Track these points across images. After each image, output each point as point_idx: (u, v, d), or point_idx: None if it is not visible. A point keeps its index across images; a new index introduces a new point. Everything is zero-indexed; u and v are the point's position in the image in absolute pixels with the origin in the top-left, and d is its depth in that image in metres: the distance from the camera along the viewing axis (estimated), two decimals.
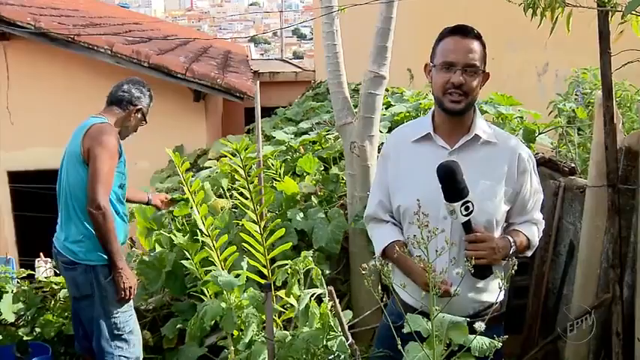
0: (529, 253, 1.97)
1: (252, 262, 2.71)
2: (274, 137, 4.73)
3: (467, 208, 1.68)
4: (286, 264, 2.53)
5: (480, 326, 1.32)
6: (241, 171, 2.84)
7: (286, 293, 2.50)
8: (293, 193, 3.46)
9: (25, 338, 3.36)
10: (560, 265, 2.82)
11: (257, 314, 2.43)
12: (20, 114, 6.34)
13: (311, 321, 2.22)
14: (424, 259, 1.35)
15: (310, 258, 2.47)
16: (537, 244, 1.96)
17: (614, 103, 2.31)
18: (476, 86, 1.80)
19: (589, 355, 2.50)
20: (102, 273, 2.76)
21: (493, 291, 1.87)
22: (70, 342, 3.30)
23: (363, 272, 1.45)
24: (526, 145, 2.24)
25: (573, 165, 2.95)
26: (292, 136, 4.72)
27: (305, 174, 3.79)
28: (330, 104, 4.01)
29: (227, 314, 2.43)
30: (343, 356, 2.11)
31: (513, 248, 1.82)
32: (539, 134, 3.54)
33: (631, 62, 2.12)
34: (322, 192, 3.58)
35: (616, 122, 2.32)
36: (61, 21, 6.64)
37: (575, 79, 3.57)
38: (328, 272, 3.12)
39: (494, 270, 1.74)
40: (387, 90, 4.78)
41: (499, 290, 1.72)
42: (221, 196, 3.77)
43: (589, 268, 2.49)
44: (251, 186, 2.85)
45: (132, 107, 2.92)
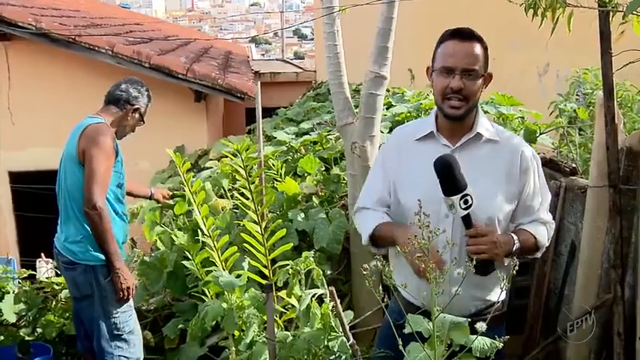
0: (538, 254, 1.93)
1: (253, 263, 2.71)
2: (275, 137, 4.72)
3: (466, 202, 1.66)
4: (287, 264, 2.52)
5: (482, 327, 1.31)
6: (242, 171, 2.84)
7: (287, 294, 2.50)
8: (294, 194, 3.46)
9: (27, 339, 3.37)
10: (561, 266, 2.82)
11: (258, 315, 2.44)
12: (21, 114, 6.34)
13: (312, 321, 2.22)
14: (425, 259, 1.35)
15: (311, 258, 2.46)
16: (547, 245, 1.92)
17: (615, 104, 2.31)
18: (476, 90, 1.79)
19: (590, 356, 2.50)
20: (101, 273, 2.77)
21: (494, 289, 1.86)
22: (72, 342, 3.31)
23: (364, 273, 1.44)
24: None
25: (574, 165, 2.95)
26: (293, 137, 4.72)
27: (306, 174, 3.79)
28: (331, 105, 4.01)
29: (228, 315, 2.43)
30: (344, 357, 2.11)
31: (517, 245, 1.78)
32: (540, 134, 3.54)
33: (632, 62, 2.11)
34: (323, 192, 3.58)
35: (617, 122, 2.32)
36: (62, 22, 6.64)
37: (576, 80, 3.56)
38: (329, 273, 3.12)
39: (496, 266, 1.73)
40: (388, 90, 4.78)
41: (500, 289, 1.69)
42: (222, 197, 3.77)
43: (590, 269, 2.49)
44: (252, 186, 2.84)
45: (129, 107, 2.92)
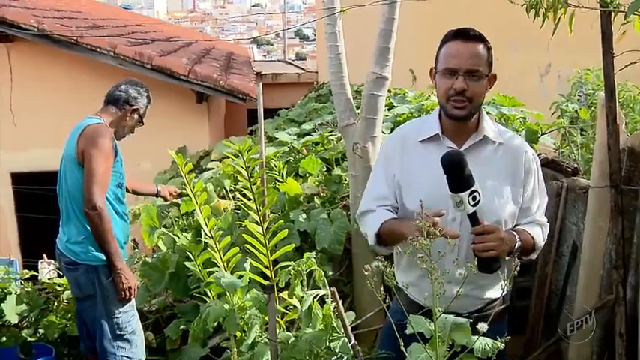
0: (534, 256, 1.94)
1: (254, 264, 2.71)
2: (277, 138, 4.72)
3: (474, 198, 1.63)
4: (289, 265, 2.52)
5: (483, 327, 1.32)
6: (244, 172, 2.84)
7: (289, 294, 2.50)
8: (296, 195, 3.46)
9: (29, 339, 3.37)
10: (562, 266, 2.82)
11: (260, 315, 2.44)
12: (23, 115, 6.34)
13: (314, 322, 2.22)
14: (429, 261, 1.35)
15: (313, 259, 2.46)
16: (541, 247, 1.93)
17: (616, 104, 2.31)
18: (480, 91, 1.79)
19: (592, 356, 2.50)
20: (103, 273, 2.77)
21: (496, 287, 1.86)
22: (74, 343, 3.32)
23: (366, 273, 1.44)
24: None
25: (576, 166, 2.95)
26: (295, 138, 4.71)
27: (308, 175, 3.78)
28: (333, 105, 4.01)
29: (230, 315, 2.43)
30: (346, 357, 2.11)
31: (519, 243, 1.79)
32: (541, 135, 3.54)
33: (634, 63, 2.12)
34: (325, 193, 3.57)
35: (619, 123, 2.32)
36: (64, 23, 6.65)
37: (577, 80, 3.57)
38: (331, 273, 3.12)
39: (501, 263, 1.73)
40: (390, 91, 4.78)
41: (502, 288, 1.69)
42: (224, 198, 3.77)
43: (592, 269, 2.49)
44: (254, 187, 2.84)
45: (128, 107, 2.92)
